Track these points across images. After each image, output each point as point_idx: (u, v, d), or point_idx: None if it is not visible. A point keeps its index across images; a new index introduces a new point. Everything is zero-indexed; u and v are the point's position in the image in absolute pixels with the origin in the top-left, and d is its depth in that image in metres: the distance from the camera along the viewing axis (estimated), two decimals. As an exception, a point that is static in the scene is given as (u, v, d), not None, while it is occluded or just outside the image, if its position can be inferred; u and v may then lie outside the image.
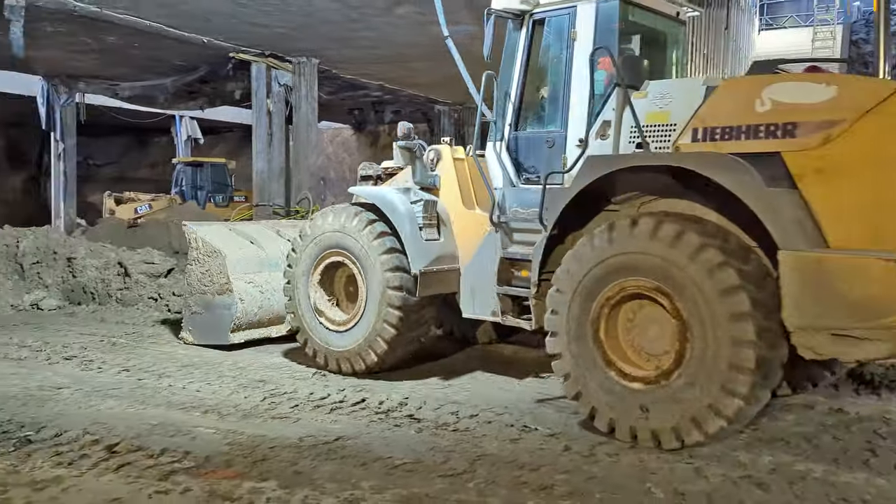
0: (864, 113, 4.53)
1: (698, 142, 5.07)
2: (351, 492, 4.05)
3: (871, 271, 4.30)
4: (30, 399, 5.59)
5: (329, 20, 11.75)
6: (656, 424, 4.75)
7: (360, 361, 6.48)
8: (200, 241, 7.62)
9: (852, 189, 4.54)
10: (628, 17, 5.68)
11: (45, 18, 11.52)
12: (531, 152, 6.01)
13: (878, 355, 4.50)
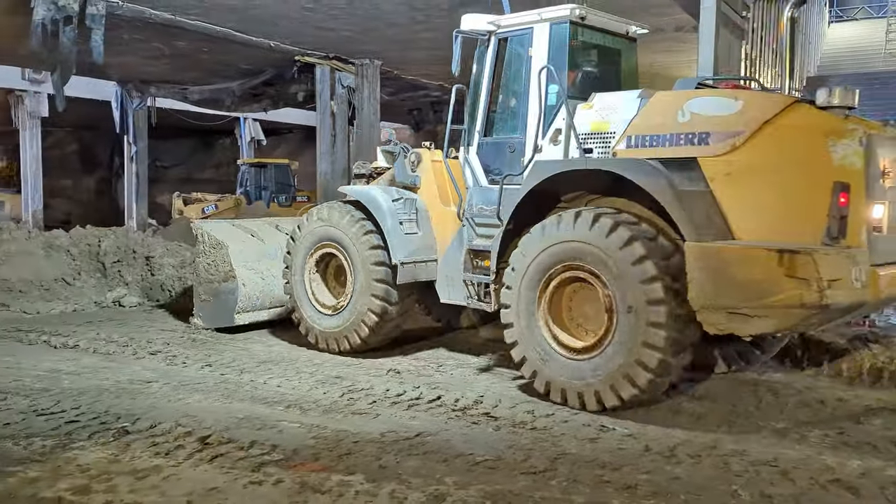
0: (763, 124, 5.19)
1: (632, 148, 5.77)
2: (436, 487, 4.14)
3: (755, 259, 4.94)
4: (122, 392, 5.85)
5: (394, 23, 11.89)
6: (583, 388, 5.54)
7: (346, 342, 7.25)
8: (206, 234, 8.36)
9: (753, 190, 5.23)
10: (578, 36, 6.36)
11: (122, 26, 11.96)
12: (497, 156, 6.72)
13: (765, 330, 5.20)
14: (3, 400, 5.52)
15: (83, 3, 10.35)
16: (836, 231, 4.92)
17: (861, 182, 4.95)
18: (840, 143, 4.97)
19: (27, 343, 7.55)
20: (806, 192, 5.05)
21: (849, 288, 4.80)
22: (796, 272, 4.77)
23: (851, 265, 4.82)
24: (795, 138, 5.14)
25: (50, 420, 5.09)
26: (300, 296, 7.59)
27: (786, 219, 5.13)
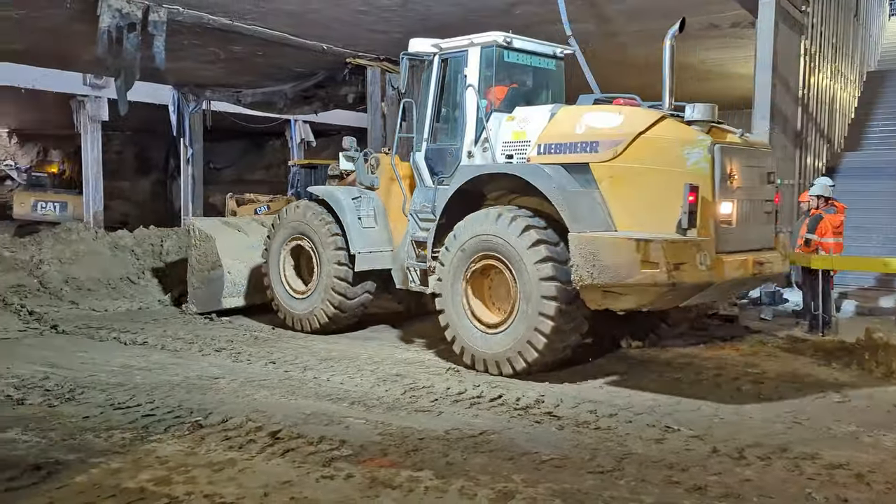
0: (637, 135, 6.13)
1: (542, 154, 6.71)
2: (504, 484, 4.17)
3: (619, 247, 5.85)
4: (192, 387, 6.03)
5: (446, 24, 11.92)
6: (497, 357, 6.52)
7: (315, 321, 8.23)
8: (196, 230, 9.38)
9: (629, 190, 6.19)
10: (504, 58, 7.29)
11: (181, 32, 12.25)
12: (440, 160, 7.64)
13: (631, 306, 6.20)
14: (82, 394, 5.74)
15: (146, 11, 10.65)
16: (687, 224, 5.84)
17: (709, 183, 5.93)
18: (693, 151, 5.96)
19: (98, 339, 7.82)
20: (667, 191, 5.97)
21: (695, 270, 5.77)
22: (649, 257, 5.70)
23: (696, 251, 5.79)
24: (660, 147, 6.10)
25: (127, 413, 5.28)
26: (276, 282, 8.63)
27: (652, 214, 6.08)
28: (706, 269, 5.81)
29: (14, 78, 15.69)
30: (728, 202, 6.11)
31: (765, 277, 6.64)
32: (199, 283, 9.29)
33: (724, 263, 5.95)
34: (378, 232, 8.12)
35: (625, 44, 13.12)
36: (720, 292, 6.62)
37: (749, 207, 6.38)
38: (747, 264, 6.21)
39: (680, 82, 18.01)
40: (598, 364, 7.14)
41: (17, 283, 9.40)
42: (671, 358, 7.42)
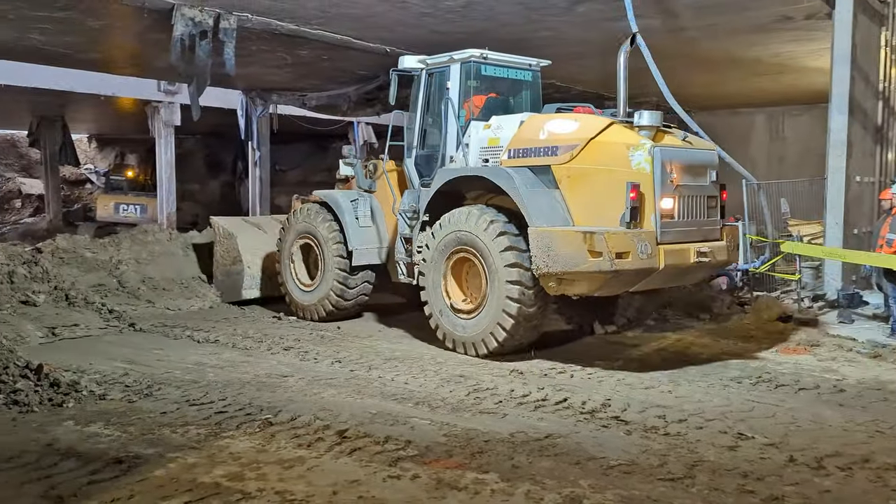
0: (589, 140, 6.89)
1: (512, 158, 7.44)
2: (571, 489, 4.13)
3: (569, 238, 6.63)
4: (262, 385, 6.18)
5: (509, 23, 11.86)
6: (474, 339, 7.26)
7: (321, 310, 9.08)
8: (220, 228, 10.41)
9: (583, 188, 6.95)
10: (482, 71, 8.10)
11: (250, 38, 12.54)
12: (427, 165, 8.38)
13: (583, 291, 6.94)
14: (159, 390, 5.96)
15: (217, 18, 10.94)
16: (629, 217, 6.59)
17: (650, 181, 6.63)
18: (636, 152, 6.67)
19: (173, 338, 8.09)
20: (614, 189, 6.70)
21: (636, 259, 6.51)
22: (595, 247, 6.46)
23: (637, 241, 6.52)
24: (608, 150, 6.84)
25: (201, 410, 5.45)
26: (287, 276, 9.53)
27: (603, 210, 6.79)
28: (647, 258, 6.55)
29: (94, 86, 16.38)
30: (669, 198, 6.78)
31: (710, 266, 7.30)
32: (222, 276, 10.31)
33: (664, 252, 6.66)
34: (373, 230, 9.00)
35: (693, 39, 12.81)
36: (665, 278, 7.19)
37: (691, 203, 7.05)
38: (688, 253, 6.89)
39: (753, 76, 17.57)
40: (665, 368, 7.00)
41: (97, 282, 9.82)
42: (744, 363, 7.21)
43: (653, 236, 6.64)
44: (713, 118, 20.46)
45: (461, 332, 7.40)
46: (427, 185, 8.17)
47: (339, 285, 8.94)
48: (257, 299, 10.21)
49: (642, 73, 12.51)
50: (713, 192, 7.33)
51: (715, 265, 7.36)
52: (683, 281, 7.86)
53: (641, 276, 6.79)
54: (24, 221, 24.71)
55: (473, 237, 7.26)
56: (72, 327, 8.25)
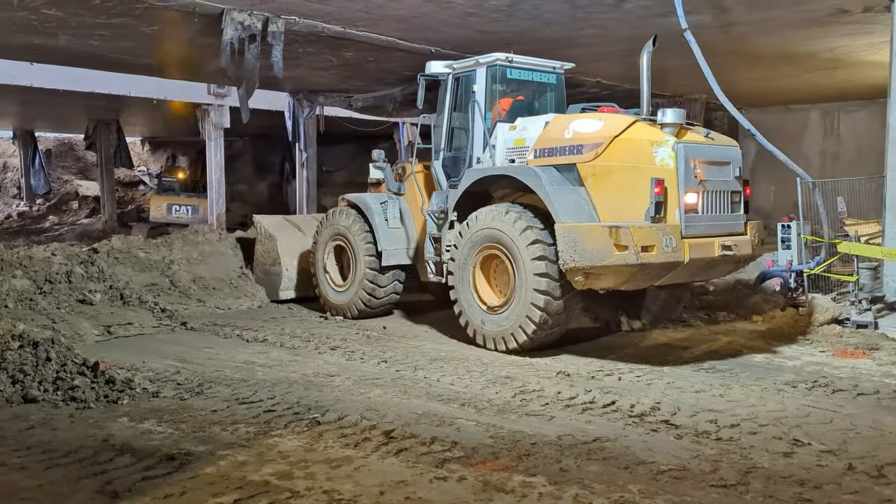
0: (613, 138, 7.07)
1: (538, 158, 7.65)
2: (620, 494, 4.07)
3: (595, 233, 6.77)
4: (309, 384, 6.25)
5: (555, 21, 11.76)
6: (503, 334, 7.42)
7: (353, 310, 9.35)
8: (262, 228, 10.77)
9: (608, 185, 7.12)
10: (507, 75, 8.37)
11: (297, 41, 12.70)
12: (454, 166, 8.63)
13: (609, 285, 7.06)
14: (209, 388, 6.07)
15: (265, 22, 11.11)
16: (654, 212, 6.76)
17: (674, 177, 6.81)
18: (660, 149, 6.85)
19: (223, 336, 8.24)
20: (639, 185, 6.87)
21: (661, 252, 6.66)
22: (620, 241, 6.60)
23: (662, 235, 6.69)
24: (633, 147, 7.01)
25: (250, 408, 5.53)
26: (321, 277, 9.83)
27: (628, 205, 6.96)
28: (672, 251, 6.72)
29: (147, 90, 16.82)
30: (693, 193, 6.97)
31: (735, 259, 7.40)
32: (261, 274, 10.74)
33: (689, 246, 6.83)
34: (402, 231, 9.24)
35: (744, 34, 12.52)
36: (691, 272, 7.32)
37: (715, 198, 7.23)
38: (713, 247, 7.05)
39: (806, 72, 17.13)
40: (716, 371, 6.85)
41: (150, 281, 10.06)
42: (800, 366, 7.02)
43: (677, 230, 6.82)
44: (764, 115, 20.00)
45: (490, 327, 7.56)
46: (455, 185, 8.37)
47: (370, 285, 9.21)
48: (293, 300, 10.55)
49: (691, 69, 12.27)
50: (736, 187, 7.47)
51: (739, 259, 7.48)
52: (709, 275, 8.02)
53: (667, 270, 6.91)
54: (80, 222, 25.51)
55: (501, 233, 7.43)
56: (126, 326, 8.47)
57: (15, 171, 28.38)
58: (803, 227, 9.90)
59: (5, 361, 5.95)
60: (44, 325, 7.80)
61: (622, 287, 7.13)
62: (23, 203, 27.53)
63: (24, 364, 5.95)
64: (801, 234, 9.82)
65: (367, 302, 9.27)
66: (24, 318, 7.72)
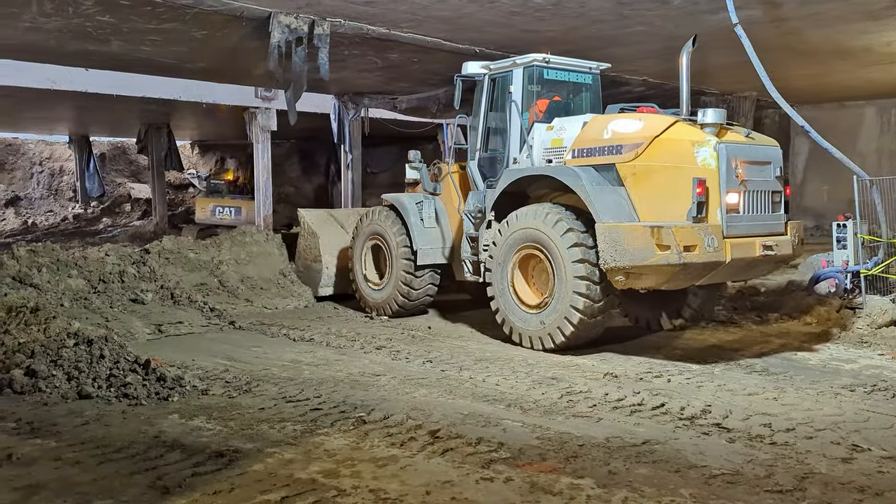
0: (654, 138, 7.08)
1: (576, 158, 7.68)
2: (671, 498, 3.98)
3: (637, 233, 6.77)
4: (355, 383, 6.27)
5: (600, 19, 11.62)
6: (541, 333, 7.45)
7: (389, 309, 9.50)
8: (306, 224, 11.00)
9: (649, 185, 7.12)
10: (544, 75, 8.44)
11: (342, 43, 12.82)
12: (491, 167, 8.69)
13: (651, 285, 7.14)
14: (257, 386, 6.15)
15: (311, 25, 11.23)
16: (696, 212, 6.78)
17: (715, 177, 6.80)
18: (701, 149, 6.85)
19: (270, 336, 8.35)
20: (680, 185, 6.87)
21: (703, 252, 6.66)
22: (662, 241, 6.61)
23: (704, 235, 6.69)
24: (674, 147, 7.01)
25: (297, 406, 5.58)
26: (358, 276, 10.01)
27: (669, 205, 6.95)
28: (714, 251, 6.71)
29: (197, 94, 17.17)
30: (734, 193, 6.93)
31: (776, 259, 7.37)
32: (303, 268, 10.99)
33: (731, 246, 6.81)
34: (437, 231, 9.33)
35: (796, 29, 12.19)
36: (733, 271, 7.33)
37: (756, 197, 7.19)
38: (754, 246, 7.01)
39: (861, 67, 16.60)
40: (769, 373, 6.67)
41: (200, 281, 10.25)
42: (857, 369, 6.79)
43: (719, 230, 6.81)
44: (818, 112, 19.46)
45: (528, 326, 7.60)
46: (492, 185, 8.44)
47: (405, 285, 9.32)
48: (331, 296, 10.78)
49: (741, 66, 11.99)
50: (777, 188, 7.46)
51: (780, 259, 7.47)
52: (749, 275, 7.98)
53: (709, 269, 6.92)
54: (132, 224, 26.19)
55: (541, 234, 7.45)
56: (176, 324, 8.64)
57: (70, 175, 29.29)
58: (860, 226, 9.57)
59: (61, 359, 6.11)
60: (98, 323, 8.00)
61: (663, 287, 7.17)
62: (78, 205, 28.40)
63: (79, 361, 6.11)
64: (857, 233, 9.50)
65: (402, 301, 9.40)
66: (79, 317, 7.93)
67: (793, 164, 22.50)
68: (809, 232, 21.50)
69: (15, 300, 7.29)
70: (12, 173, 29.72)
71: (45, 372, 5.91)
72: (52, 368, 5.98)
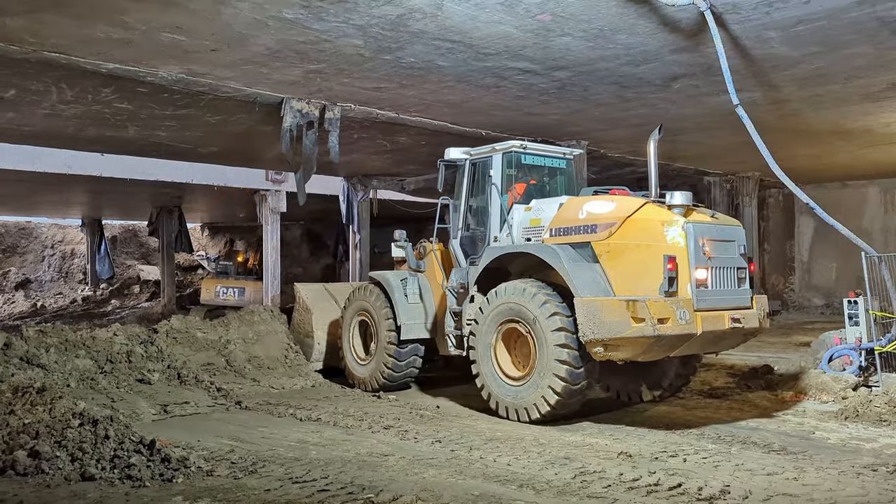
0: (626, 218, 7.57)
1: (553, 237, 8.15)
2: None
3: (613, 307, 7.18)
4: (363, 464, 6.13)
5: (603, 102, 11.97)
6: (525, 404, 7.71)
7: (375, 383, 9.73)
8: (302, 299, 11.44)
9: (623, 262, 7.56)
10: (521, 160, 8.98)
11: (352, 127, 13.18)
12: (472, 245, 9.17)
13: (628, 356, 7.44)
14: (263, 467, 6.01)
15: (322, 109, 11.59)
16: (668, 286, 7.19)
17: (685, 254, 7.27)
18: (670, 228, 7.37)
19: (277, 416, 8.22)
20: (652, 261, 7.32)
21: (676, 324, 7.06)
22: (638, 314, 7.00)
23: (676, 308, 7.11)
24: (645, 226, 7.50)
25: (304, 487, 5.44)
26: (346, 350, 10.29)
27: (640, 281, 7.37)
28: (686, 323, 7.11)
29: (209, 177, 17.54)
30: (703, 269, 7.40)
31: (744, 332, 7.77)
32: (296, 342, 11.27)
33: (701, 318, 7.23)
34: (420, 307, 9.65)
35: (797, 111, 12.49)
36: (704, 343, 7.70)
37: (723, 273, 7.64)
38: (723, 319, 7.46)
39: (862, 147, 16.87)
40: (787, 452, 6.49)
41: (207, 361, 10.19)
42: (879, 448, 6.61)
43: (690, 303, 7.22)
44: (821, 191, 19.68)
45: (513, 398, 7.84)
46: (475, 262, 8.87)
47: (390, 358, 9.54)
48: (321, 370, 10.98)
49: (743, 146, 12.21)
50: (742, 264, 7.88)
51: (748, 332, 7.84)
52: (720, 347, 8.28)
53: (682, 341, 7.30)
54: (141, 306, 26.25)
55: (522, 307, 7.77)
56: (182, 405, 8.54)
57: (81, 258, 29.61)
58: (871, 302, 9.52)
59: (65, 439, 6.01)
60: (103, 403, 7.92)
61: (639, 358, 7.49)
62: (87, 288, 28.58)
63: (83, 442, 6.00)
64: (869, 309, 9.44)
65: (387, 376, 9.58)
66: (85, 397, 7.86)
67: (798, 242, 22.60)
68: (819, 310, 21.40)
69: (21, 380, 7.26)
70: (24, 256, 30.08)
71: (49, 453, 5.81)
72: (56, 449, 5.87)
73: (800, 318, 19.78)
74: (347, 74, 10.11)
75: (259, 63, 9.44)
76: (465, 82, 10.53)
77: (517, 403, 7.78)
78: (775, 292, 22.76)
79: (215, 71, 9.74)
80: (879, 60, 9.59)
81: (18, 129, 13.08)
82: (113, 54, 8.91)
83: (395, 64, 9.58)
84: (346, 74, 10.11)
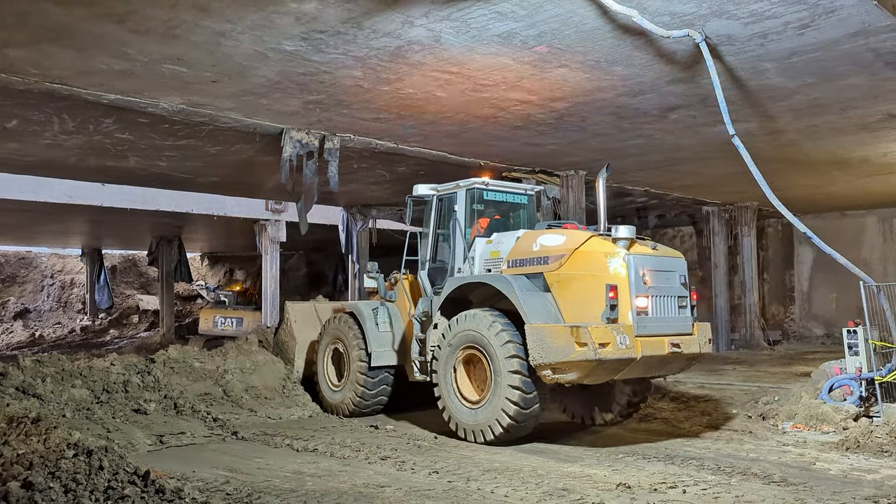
0: (574, 250, 8.15)
1: (510, 268, 8.67)
2: None
3: (559, 332, 7.69)
4: (360, 495, 6.06)
5: (600, 133, 12.07)
6: (481, 426, 8.13)
7: (345, 409, 10.13)
8: (290, 322, 11.74)
9: (571, 291, 8.10)
10: (484, 196, 9.49)
11: (352, 157, 13.28)
12: (438, 275, 9.58)
13: (574, 380, 7.83)
14: (258, 498, 5.94)
15: (322, 140, 11.69)
16: (609, 313, 7.72)
17: (626, 283, 7.79)
18: (613, 259, 7.90)
19: (273, 446, 8.15)
20: (596, 290, 7.86)
21: (616, 349, 7.54)
22: (580, 339, 7.50)
23: (617, 334, 7.60)
24: (590, 258, 8.05)
25: (299, 520, 5.37)
26: (321, 376, 10.66)
27: (587, 308, 7.89)
28: (626, 348, 7.59)
29: (209, 207, 17.60)
30: (643, 297, 7.88)
31: (685, 357, 8.22)
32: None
33: (641, 343, 7.70)
34: (390, 335, 10.05)
35: (793, 141, 12.58)
36: (646, 367, 8.12)
37: (663, 301, 8.10)
38: (663, 344, 7.91)
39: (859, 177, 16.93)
40: (787, 484, 6.42)
41: (204, 391, 10.12)
42: (880, 480, 6.53)
43: (630, 329, 7.71)
44: (820, 221, 19.76)
45: (470, 419, 8.28)
46: (438, 292, 9.26)
47: (360, 386, 9.91)
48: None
49: (741, 176, 12.27)
50: (682, 293, 8.35)
51: (689, 357, 8.30)
52: (662, 371, 8.72)
53: (623, 365, 7.75)
54: (139, 335, 26.18)
55: (478, 335, 8.24)
56: (178, 435, 8.47)
57: (81, 287, 29.59)
58: (870, 332, 9.48)
59: (59, 470, 5.94)
60: (99, 434, 7.85)
61: (585, 381, 7.93)
62: (86, 318, 28.51)
63: (77, 473, 5.93)
64: (868, 339, 9.40)
65: (357, 402, 9.97)
66: (80, 427, 7.78)
67: (798, 272, 22.61)
68: (820, 340, 21.33)
69: (17, 410, 7.19)
70: (23, 286, 30.07)
71: (42, 484, 5.73)
72: (50, 480, 5.80)
73: (800, 348, 19.71)
74: (347, 105, 10.21)
75: (259, 94, 9.54)
76: (463, 112, 10.64)
77: (474, 425, 8.19)
78: (776, 322, 22.72)
79: (216, 102, 9.84)
80: (874, 91, 9.70)
81: (20, 159, 13.18)
82: (114, 85, 9.01)
83: (393, 94, 9.69)
84: (345, 105, 10.21)
